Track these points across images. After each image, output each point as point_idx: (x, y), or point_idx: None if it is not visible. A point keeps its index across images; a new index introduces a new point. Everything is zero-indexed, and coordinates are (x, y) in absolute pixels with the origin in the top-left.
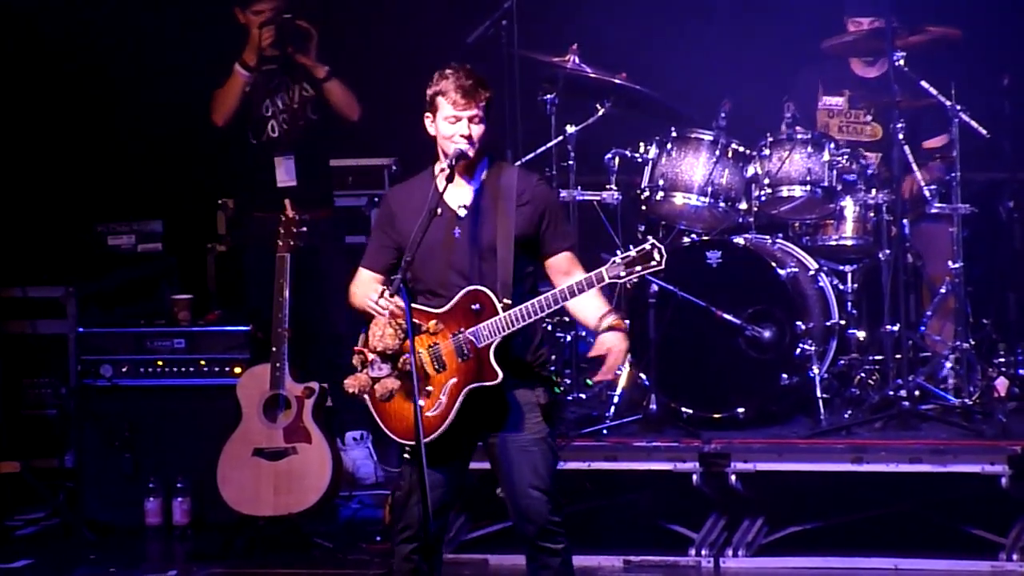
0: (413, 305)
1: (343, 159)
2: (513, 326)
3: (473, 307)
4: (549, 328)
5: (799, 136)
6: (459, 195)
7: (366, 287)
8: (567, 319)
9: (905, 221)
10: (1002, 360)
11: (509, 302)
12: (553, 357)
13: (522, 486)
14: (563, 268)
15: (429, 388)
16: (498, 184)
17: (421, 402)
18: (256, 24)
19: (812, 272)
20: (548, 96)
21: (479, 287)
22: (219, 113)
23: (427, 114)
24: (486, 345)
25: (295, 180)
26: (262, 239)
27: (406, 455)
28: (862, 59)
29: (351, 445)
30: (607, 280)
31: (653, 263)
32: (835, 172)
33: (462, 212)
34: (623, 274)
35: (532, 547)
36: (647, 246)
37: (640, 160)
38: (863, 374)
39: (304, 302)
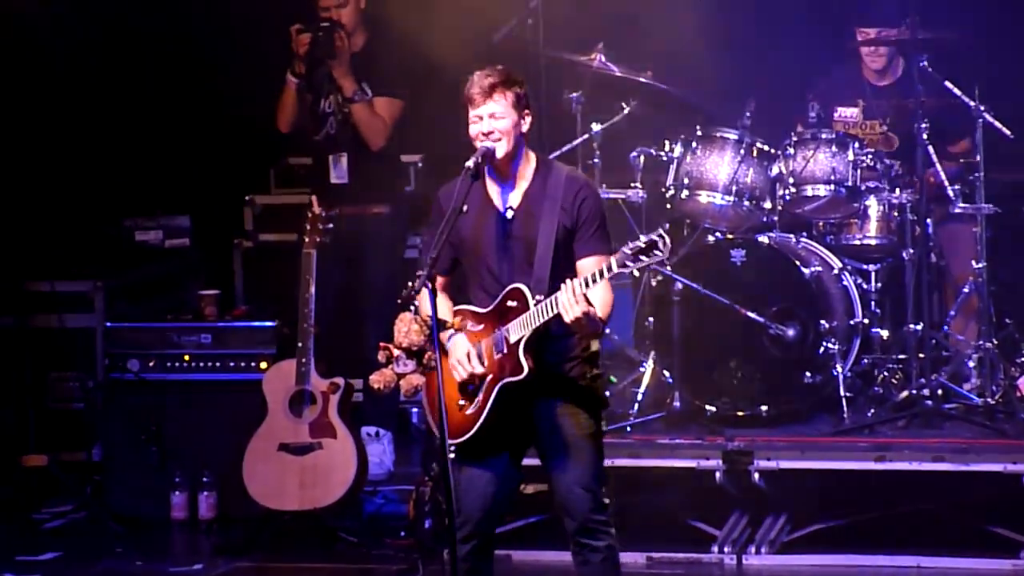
0: (463, 306)
1: None
2: (541, 319)
3: (510, 304)
4: None
5: (823, 135)
6: (507, 194)
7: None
8: None
9: (929, 221)
10: None
11: (542, 298)
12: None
13: (566, 482)
14: (588, 272)
15: (471, 386)
16: (546, 183)
17: (461, 400)
18: (294, 31)
19: (836, 271)
20: (574, 94)
21: (517, 284)
22: (281, 121)
23: None
24: (517, 340)
25: (347, 178)
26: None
27: (452, 454)
28: (875, 69)
29: (365, 440)
30: (616, 269)
31: (658, 252)
32: (859, 171)
33: (509, 213)
34: (630, 263)
35: (574, 542)
36: (654, 236)
37: (665, 158)
38: (886, 373)
39: (333, 297)
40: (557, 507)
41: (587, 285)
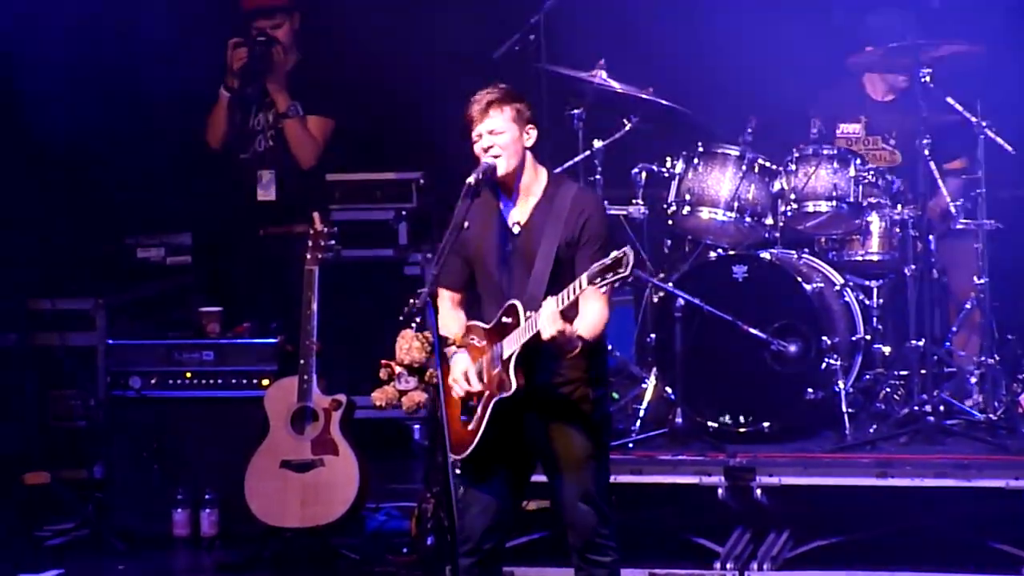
0: (473, 322)
1: (371, 173)
2: (527, 334)
3: (505, 320)
4: None
5: (825, 152)
6: (516, 211)
7: (446, 306)
8: None
9: (931, 237)
10: None
11: (532, 315)
12: None
13: (570, 499)
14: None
15: (472, 403)
16: (553, 200)
17: (463, 416)
18: (231, 45)
19: (838, 287)
20: (575, 111)
21: (513, 301)
22: (211, 136)
23: None
24: (508, 356)
25: (274, 195)
26: (247, 254)
27: (459, 470)
28: (878, 84)
29: None
30: (587, 286)
31: (621, 270)
32: (861, 188)
33: (515, 228)
34: (598, 281)
35: (580, 559)
36: (619, 253)
37: (667, 175)
38: (888, 389)
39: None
40: (563, 524)
41: (562, 303)
